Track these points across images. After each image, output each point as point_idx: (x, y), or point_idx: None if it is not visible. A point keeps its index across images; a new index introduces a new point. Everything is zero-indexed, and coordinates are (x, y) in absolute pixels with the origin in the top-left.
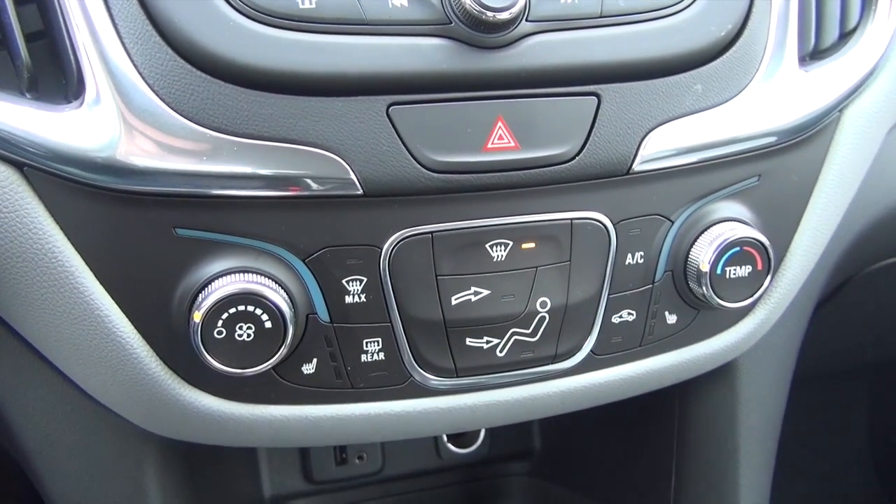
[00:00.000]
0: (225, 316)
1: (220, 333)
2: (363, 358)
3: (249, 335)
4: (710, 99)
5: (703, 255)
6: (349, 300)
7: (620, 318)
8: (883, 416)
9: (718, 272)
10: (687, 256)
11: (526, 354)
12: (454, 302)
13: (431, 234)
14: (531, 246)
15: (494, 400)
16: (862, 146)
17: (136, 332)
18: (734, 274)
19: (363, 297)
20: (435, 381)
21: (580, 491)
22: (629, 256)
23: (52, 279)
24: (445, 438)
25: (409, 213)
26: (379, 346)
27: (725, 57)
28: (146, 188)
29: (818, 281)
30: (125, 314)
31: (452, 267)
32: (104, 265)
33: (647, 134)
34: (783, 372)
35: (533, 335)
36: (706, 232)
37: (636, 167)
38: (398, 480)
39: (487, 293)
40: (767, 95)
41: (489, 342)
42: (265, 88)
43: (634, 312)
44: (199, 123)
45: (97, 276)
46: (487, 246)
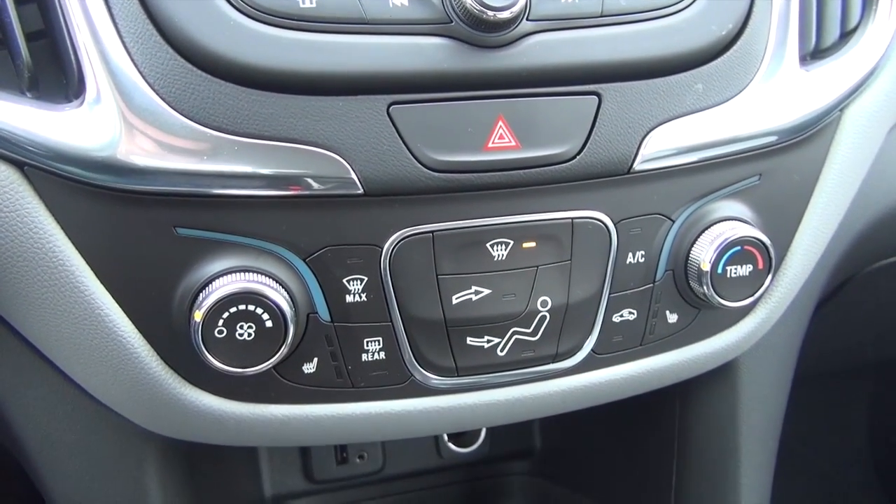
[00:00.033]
0: (226, 315)
1: (220, 333)
2: (364, 357)
3: (250, 334)
4: (710, 98)
5: (703, 254)
6: (350, 299)
7: (621, 317)
8: (883, 415)
9: (719, 271)
10: (688, 256)
11: (527, 354)
12: (455, 301)
13: (432, 233)
14: (532, 245)
15: (495, 399)
16: (863, 146)
17: (136, 331)
18: (735, 273)
19: (364, 296)
20: (436, 380)
21: (581, 490)
22: (630, 256)
23: (52, 279)
24: (446, 438)
25: (409, 212)
26: (380, 345)
27: (726, 56)
28: (147, 187)
29: (819, 280)
30: (126, 313)
31: (453, 266)
32: (105, 265)
33: (647, 133)
34: (784, 371)
35: (534, 334)
36: (707, 231)
37: (637, 166)
38: (399, 480)
39: (488, 292)
40: (768, 95)
41: (490, 341)
42: (266, 88)
43: (635, 311)
44: (199, 123)
45: (98, 275)
46: (488, 245)
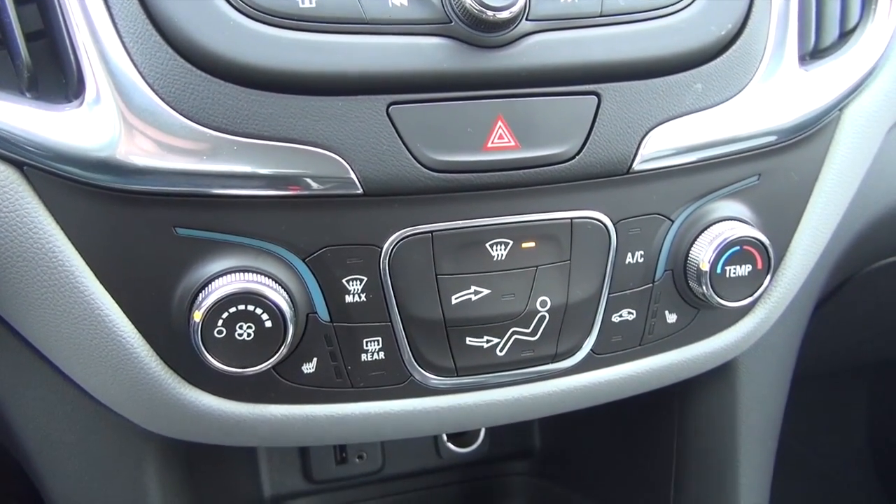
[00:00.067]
0: (225, 315)
1: (220, 333)
2: (363, 357)
3: (249, 334)
4: (710, 98)
5: (703, 254)
6: (349, 299)
7: (620, 317)
8: (883, 415)
9: (718, 271)
10: (687, 255)
11: (526, 353)
12: (454, 301)
13: (431, 233)
14: (531, 245)
15: (494, 399)
16: (862, 145)
17: (136, 331)
18: (734, 273)
19: (363, 296)
20: (435, 380)
21: (580, 490)
22: (629, 256)
23: (52, 278)
24: (445, 438)
25: (409, 212)
26: (379, 345)
27: (725, 56)
28: (146, 187)
29: (818, 280)
30: (125, 314)
31: (452, 266)
32: (104, 265)
33: (647, 133)
34: (783, 371)
35: (533, 334)
36: (706, 231)
37: (636, 166)
38: (398, 480)
39: (487, 292)
40: (767, 94)
41: (489, 341)
42: (265, 88)
43: (634, 311)
44: (199, 123)
45: (97, 275)
46: (487, 245)
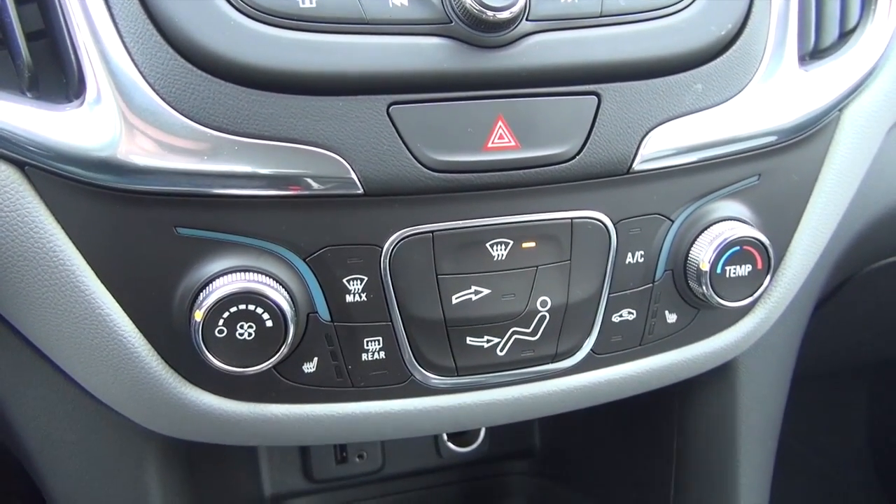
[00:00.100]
0: (226, 315)
1: (221, 332)
2: (364, 357)
3: (250, 334)
4: (710, 98)
5: (703, 254)
6: (350, 299)
7: (620, 317)
8: (883, 415)
9: (718, 271)
10: (687, 256)
11: (526, 353)
12: (455, 301)
13: (432, 233)
14: (531, 245)
15: (495, 399)
16: (862, 145)
17: (137, 330)
18: (734, 273)
19: (364, 296)
20: (435, 379)
21: (580, 490)
22: (629, 256)
23: (53, 278)
24: (445, 437)
25: (409, 212)
26: (379, 344)
27: (725, 56)
28: (147, 187)
29: (818, 280)
30: (126, 313)
31: (453, 266)
32: (105, 264)
33: (647, 133)
34: (783, 371)
35: (533, 334)
36: (706, 231)
37: (636, 166)
38: (398, 479)
39: (488, 292)
40: (767, 95)
41: (489, 341)
42: (266, 88)
43: (634, 311)
44: (199, 123)
45: (98, 275)
46: (488, 245)
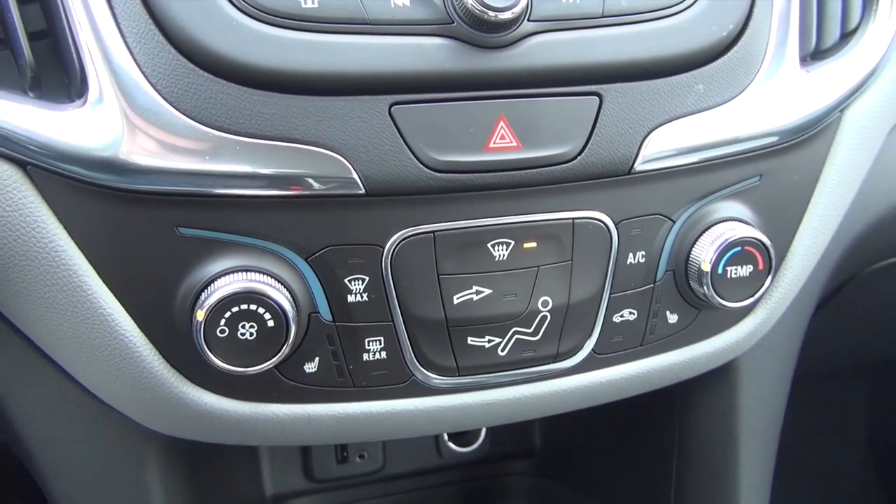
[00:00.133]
0: (227, 315)
1: (222, 332)
2: (365, 357)
3: (252, 334)
4: (711, 99)
5: (704, 254)
6: (351, 299)
7: (622, 317)
8: (883, 415)
9: (720, 272)
10: (688, 256)
11: (527, 353)
12: (456, 301)
13: (433, 233)
14: (533, 245)
15: (496, 399)
16: (863, 146)
17: (138, 330)
18: (735, 274)
19: (365, 296)
20: (437, 379)
21: (581, 490)
22: (630, 256)
23: (55, 278)
24: (446, 437)
25: (411, 212)
26: (381, 344)
27: (727, 57)
28: (149, 187)
29: (819, 281)
30: (128, 313)
31: (454, 266)
32: (107, 264)
33: (648, 134)
34: (784, 371)
35: (534, 334)
36: (707, 232)
37: (638, 167)
38: (399, 479)
39: (489, 292)
40: (769, 95)
41: (491, 341)
42: (268, 88)
43: (636, 312)
44: (201, 122)
45: (100, 274)
46: (489, 245)
